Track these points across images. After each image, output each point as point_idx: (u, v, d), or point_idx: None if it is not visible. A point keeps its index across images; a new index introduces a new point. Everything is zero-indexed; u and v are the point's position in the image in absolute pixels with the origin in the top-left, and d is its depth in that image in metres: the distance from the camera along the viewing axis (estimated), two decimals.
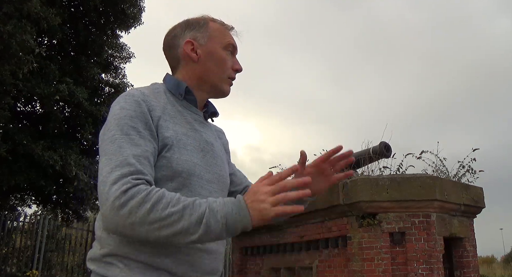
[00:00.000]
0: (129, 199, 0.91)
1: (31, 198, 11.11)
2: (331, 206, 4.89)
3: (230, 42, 1.26)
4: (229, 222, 0.94)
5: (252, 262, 6.36)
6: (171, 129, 1.10)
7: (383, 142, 5.59)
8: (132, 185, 0.93)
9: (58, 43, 9.75)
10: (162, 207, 0.92)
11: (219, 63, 1.23)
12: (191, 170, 1.09)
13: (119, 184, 0.93)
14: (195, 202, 0.95)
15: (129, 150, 0.99)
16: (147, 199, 0.92)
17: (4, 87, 7.25)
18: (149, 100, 1.11)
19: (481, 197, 5.27)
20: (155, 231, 0.92)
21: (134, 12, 10.14)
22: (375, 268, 4.44)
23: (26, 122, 9.28)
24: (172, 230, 0.92)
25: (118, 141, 1.00)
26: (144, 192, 0.93)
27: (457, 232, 4.89)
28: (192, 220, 0.92)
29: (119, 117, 1.04)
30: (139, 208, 0.91)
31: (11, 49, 6.55)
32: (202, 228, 0.92)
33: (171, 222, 0.91)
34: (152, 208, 0.91)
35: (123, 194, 0.92)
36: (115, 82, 10.78)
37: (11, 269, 9.17)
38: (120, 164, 0.96)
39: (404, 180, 4.65)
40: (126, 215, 0.91)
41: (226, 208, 0.94)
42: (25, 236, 9.72)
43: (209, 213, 0.93)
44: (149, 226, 0.91)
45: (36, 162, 7.86)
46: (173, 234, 0.92)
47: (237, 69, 1.27)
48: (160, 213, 0.91)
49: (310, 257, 5.32)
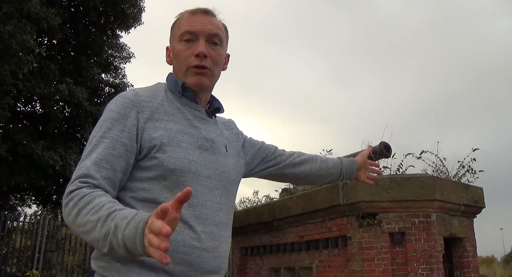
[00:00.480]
0: (69, 201, 0.98)
1: (31, 198, 11.11)
2: (331, 206, 4.89)
3: (184, 30, 1.20)
4: (127, 246, 0.85)
5: (252, 262, 6.36)
6: (161, 129, 1.10)
7: (383, 142, 5.56)
8: (76, 187, 0.99)
9: (58, 43, 9.75)
10: (84, 213, 0.94)
11: (176, 58, 1.22)
12: (185, 167, 1.08)
13: (70, 185, 1.00)
14: (111, 214, 0.90)
15: (96, 153, 1.04)
16: (78, 203, 0.96)
17: (4, 87, 7.25)
18: (140, 100, 1.12)
19: (481, 197, 5.27)
20: (81, 234, 0.97)
21: (134, 12, 10.14)
22: (375, 268, 4.44)
23: (26, 122, 9.27)
24: (89, 237, 0.94)
25: (92, 144, 1.07)
26: (79, 196, 0.97)
27: (457, 232, 4.89)
28: (101, 234, 0.90)
29: (103, 119, 1.10)
30: (72, 210, 0.97)
31: (11, 49, 6.55)
32: (108, 245, 0.89)
33: (87, 230, 0.93)
34: (78, 212, 0.95)
35: (68, 195, 0.99)
36: (115, 82, 10.78)
37: (11, 269, 9.17)
38: (81, 167, 1.03)
39: (404, 180, 4.65)
40: (66, 215, 0.99)
41: (127, 230, 0.85)
42: (25, 236, 9.71)
43: (113, 231, 0.87)
44: (77, 228, 0.97)
45: (36, 162, 7.86)
46: (91, 241, 0.95)
47: (196, 55, 1.16)
48: (82, 218, 0.94)
49: (310, 257, 5.32)
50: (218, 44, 1.22)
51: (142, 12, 10.43)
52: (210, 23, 1.21)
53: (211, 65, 1.20)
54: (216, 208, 1.13)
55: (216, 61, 1.21)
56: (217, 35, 1.21)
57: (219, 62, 1.23)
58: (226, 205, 1.19)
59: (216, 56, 1.21)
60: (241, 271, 6.43)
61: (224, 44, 1.26)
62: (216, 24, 1.23)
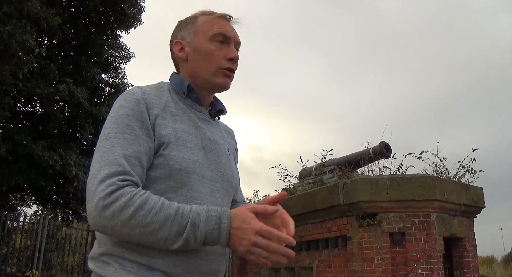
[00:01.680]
0: (113, 202, 0.93)
1: (31, 198, 11.10)
2: (331, 206, 4.89)
3: (217, 31, 1.21)
4: (207, 240, 0.96)
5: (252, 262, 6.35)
6: (169, 127, 1.09)
7: (383, 142, 5.59)
8: (117, 187, 0.94)
9: (58, 43, 9.75)
10: (144, 214, 0.93)
11: (206, 57, 1.20)
12: (190, 167, 1.08)
13: (105, 184, 0.94)
14: (178, 212, 0.95)
15: (120, 149, 1.00)
16: (130, 203, 0.93)
17: (4, 87, 7.25)
18: (149, 98, 1.11)
19: (481, 197, 5.27)
20: (135, 236, 0.94)
21: (134, 12, 10.14)
22: (375, 268, 4.44)
23: (26, 122, 9.27)
24: (152, 237, 0.94)
25: (112, 139, 1.01)
26: (128, 195, 0.94)
27: (457, 232, 4.89)
28: (172, 232, 0.94)
29: (116, 115, 1.06)
30: (122, 212, 0.92)
31: (11, 49, 6.54)
32: (182, 241, 0.94)
33: (152, 230, 0.93)
34: (134, 213, 0.92)
35: (108, 195, 0.93)
36: (115, 82, 10.78)
37: (11, 269, 9.17)
38: (109, 163, 0.97)
39: (404, 180, 4.65)
40: (109, 217, 0.93)
41: (207, 225, 0.95)
42: (25, 236, 9.71)
43: (190, 228, 0.94)
44: (130, 230, 0.93)
45: (36, 162, 7.86)
46: (152, 241, 0.95)
47: (230, 58, 1.19)
48: (142, 219, 0.92)
49: (310, 257, 5.32)
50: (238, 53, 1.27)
51: (142, 12, 10.43)
52: (235, 31, 1.26)
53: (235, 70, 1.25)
54: None
55: (237, 67, 1.26)
56: (240, 44, 1.26)
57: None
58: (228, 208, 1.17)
59: (237, 63, 1.26)
60: (241, 271, 6.43)
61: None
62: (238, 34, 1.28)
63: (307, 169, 6.61)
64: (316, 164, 6.37)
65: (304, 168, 6.66)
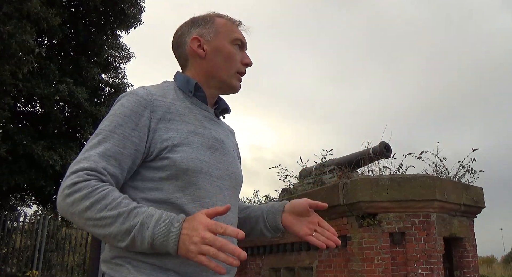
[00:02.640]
0: (76, 191, 0.96)
1: (31, 198, 11.10)
2: (331, 206, 4.89)
3: (237, 36, 1.25)
4: (154, 243, 0.93)
5: (252, 262, 6.36)
6: (172, 130, 1.09)
7: (383, 142, 5.59)
8: (83, 179, 0.97)
9: (58, 43, 9.75)
10: (99, 208, 0.95)
11: (227, 58, 1.22)
12: (197, 167, 1.08)
13: (74, 175, 0.98)
14: (133, 211, 0.95)
15: (103, 148, 1.02)
16: (89, 196, 0.95)
17: (4, 87, 7.25)
18: (153, 99, 1.11)
19: (481, 197, 5.27)
20: (89, 227, 0.96)
21: (134, 12, 10.14)
22: (375, 268, 4.44)
23: (26, 122, 9.27)
24: (103, 231, 0.95)
25: (100, 136, 1.04)
26: (90, 188, 0.96)
27: (457, 232, 4.89)
28: (121, 229, 0.94)
29: (114, 113, 1.08)
30: (80, 203, 0.95)
31: (11, 49, 6.54)
32: (129, 240, 0.94)
33: (103, 224, 0.94)
34: (90, 206, 0.95)
35: (73, 185, 0.96)
36: (115, 82, 10.77)
37: (11, 269, 9.17)
38: (87, 158, 1.01)
39: (404, 180, 4.65)
40: (69, 205, 0.96)
41: (157, 228, 0.93)
42: (25, 236, 9.71)
43: (139, 228, 0.93)
44: (85, 221, 0.96)
45: (36, 162, 7.86)
46: (103, 236, 0.96)
47: (246, 63, 1.26)
48: (96, 213, 0.95)
49: (310, 257, 5.32)
50: None
51: (142, 12, 10.43)
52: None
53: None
54: None
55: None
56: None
57: None
58: (235, 206, 1.19)
59: None
60: (241, 271, 6.43)
61: None
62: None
63: (307, 169, 6.61)
64: (316, 164, 6.37)
65: (304, 168, 6.66)
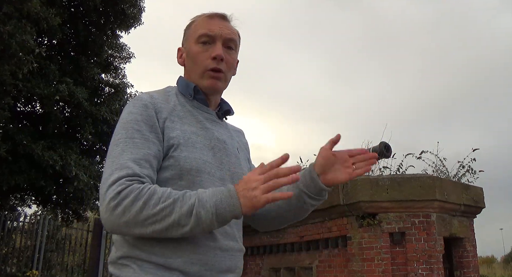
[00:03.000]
0: (123, 199, 0.95)
1: (31, 198, 11.09)
2: (331, 206, 4.89)
3: (201, 32, 1.21)
4: (218, 211, 0.95)
5: (252, 262, 6.36)
6: (178, 130, 1.12)
7: (383, 142, 5.57)
8: (126, 185, 0.97)
9: (58, 43, 9.74)
10: (154, 203, 0.95)
11: (192, 60, 1.23)
12: (200, 167, 1.10)
13: (115, 185, 0.97)
14: (185, 194, 0.98)
15: (130, 154, 1.03)
16: (139, 197, 0.95)
17: (4, 87, 7.24)
18: (156, 103, 1.14)
19: (481, 197, 5.27)
20: (149, 226, 0.96)
21: (134, 12, 10.12)
22: (375, 268, 4.44)
23: (26, 122, 9.26)
24: (165, 224, 0.95)
25: (122, 144, 1.05)
26: (136, 190, 0.96)
27: (457, 232, 4.89)
28: (182, 212, 0.95)
29: (126, 121, 1.09)
30: (132, 206, 0.95)
31: (11, 49, 6.54)
32: (193, 219, 0.95)
33: (163, 216, 0.95)
34: (144, 205, 0.95)
35: (118, 194, 0.96)
36: (115, 82, 10.76)
37: (11, 269, 9.17)
38: (119, 167, 1.00)
39: (404, 180, 4.65)
40: (121, 214, 0.95)
41: (215, 197, 0.96)
42: (25, 236, 9.71)
43: (198, 203, 0.95)
44: (143, 222, 0.95)
45: (36, 162, 7.85)
46: (166, 228, 0.96)
47: (214, 57, 1.18)
48: (152, 208, 0.95)
49: (310, 257, 5.32)
50: (233, 49, 1.25)
51: (142, 12, 10.42)
52: (227, 27, 1.24)
53: (226, 69, 1.22)
54: None
55: (230, 66, 1.25)
56: (233, 40, 1.24)
57: (232, 66, 1.27)
58: None
59: (231, 61, 1.24)
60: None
61: (237, 49, 1.29)
62: (232, 30, 1.26)
63: None
64: None
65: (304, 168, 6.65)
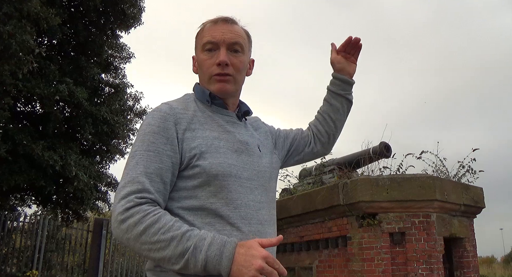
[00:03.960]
0: (129, 217, 1.00)
1: (31, 198, 11.09)
2: (331, 206, 4.89)
3: (205, 40, 1.25)
4: (208, 265, 0.97)
5: None
6: (199, 138, 1.14)
7: (383, 142, 5.59)
8: (134, 204, 1.02)
9: (58, 43, 9.73)
10: (153, 232, 0.99)
11: (201, 68, 1.27)
12: (227, 171, 1.12)
13: (125, 201, 1.02)
14: (185, 234, 1.00)
15: (143, 167, 1.07)
16: (142, 221, 1.00)
17: (4, 87, 7.24)
18: (176, 113, 1.16)
19: (481, 197, 5.27)
20: (144, 251, 1.00)
21: (134, 12, 10.12)
22: (375, 268, 4.44)
23: (26, 122, 9.25)
24: (158, 255, 0.99)
25: (137, 157, 1.10)
26: (143, 213, 1.01)
27: (457, 232, 4.89)
28: (176, 252, 0.98)
29: (144, 133, 1.13)
30: (134, 228, 1.00)
31: (11, 49, 6.53)
32: (183, 262, 0.98)
33: (158, 248, 0.99)
34: (144, 230, 0.99)
35: (126, 211, 1.01)
36: (115, 82, 10.76)
37: (11, 269, 9.16)
38: (131, 180, 1.06)
39: (404, 180, 4.65)
40: (124, 231, 1.01)
41: (210, 251, 0.98)
42: (25, 236, 9.70)
43: (192, 251, 0.98)
44: (140, 245, 1.00)
45: (36, 162, 7.85)
46: (158, 259, 1.00)
47: (218, 64, 1.22)
48: (150, 237, 0.99)
49: (310, 257, 5.31)
50: (240, 51, 1.26)
51: (142, 12, 10.41)
52: (231, 31, 1.25)
53: (234, 72, 1.24)
54: (258, 207, 1.18)
55: (239, 68, 1.26)
56: (238, 43, 1.26)
57: (242, 69, 1.28)
58: (267, 202, 1.24)
59: (238, 63, 1.25)
60: None
61: (246, 50, 1.30)
62: (237, 32, 1.27)
63: (307, 169, 6.61)
64: (316, 164, 6.37)
65: (304, 168, 6.66)
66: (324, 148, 1.53)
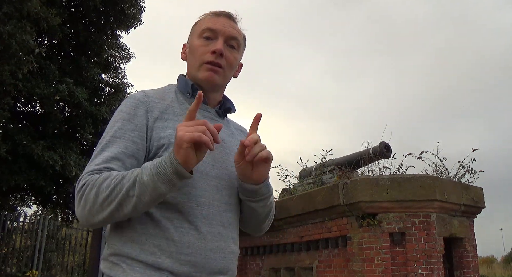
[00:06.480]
0: (84, 190, 0.99)
1: (31, 198, 11.10)
2: (331, 206, 4.88)
3: (205, 26, 1.22)
4: (158, 170, 0.95)
5: (252, 262, 6.36)
6: (170, 128, 1.11)
7: (383, 142, 5.59)
8: (86, 179, 1.01)
9: (58, 43, 9.73)
10: (107, 185, 0.97)
11: (192, 53, 1.24)
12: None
13: (78, 182, 1.02)
14: (132, 171, 0.99)
15: (106, 153, 1.06)
16: (95, 184, 0.98)
17: (4, 87, 7.24)
18: (149, 101, 1.15)
19: (481, 197, 5.26)
20: (108, 208, 0.97)
21: (134, 12, 10.13)
22: (375, 268, 4.44)
23: (26, 122, 9.26)
24: (118, 200, 0.96)
25: (103, 143, 1.09)
26: (93, 180, 1.00)
27: (457, 232, 4.88)
28: (130, 184, 0.96)
29: (114, 119, 1.13)
30: (90, 194, 0.98)
31: (11, 49, 6.54)
32: (137, 186, 0.95)
33: (116, 194, 0.96)
34: (98, 189, 0.98)
35: (80, 188, 1.00)
36: (115, 82, 10.76)
37: (11, 269, 9.17)
38: (91, 165, 1.05)
39: (404, 180, 4.64)
40: (84, 205, 0.99)
41: (156, 161, 0.97)
42: (25, 236, 9.71)
43: (141, 170, 0.97)
44: (101, 206, 0.97)
45: (36, 162, 7.85)
46: (119, 203, 0.96)
47: (213, 51, 1.18)
48: (106, 190, 0.97)
49: (310, 257, 5.31)
50: (235, 48, 1.24)
51: (142, 12, 10.42)
52: (232, 26, 1.24)
53: (225, 65, 1.21)
54: (224, 209, 1.13)
55: (231, 63, 1.23)
56: (236, 39, 1.24)
57: (233, 65, 1.25)
58: (237, 205, 1.18)
59: (232, 59, 1.23)
60: (241, 271, 6.42)
61: (240, 50, 1.28)
62: (237, 29, 1.25)
63: (307, 169, 6.60)
64: (316, 164, 6.36)
65: (304, 168, 6.65)
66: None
